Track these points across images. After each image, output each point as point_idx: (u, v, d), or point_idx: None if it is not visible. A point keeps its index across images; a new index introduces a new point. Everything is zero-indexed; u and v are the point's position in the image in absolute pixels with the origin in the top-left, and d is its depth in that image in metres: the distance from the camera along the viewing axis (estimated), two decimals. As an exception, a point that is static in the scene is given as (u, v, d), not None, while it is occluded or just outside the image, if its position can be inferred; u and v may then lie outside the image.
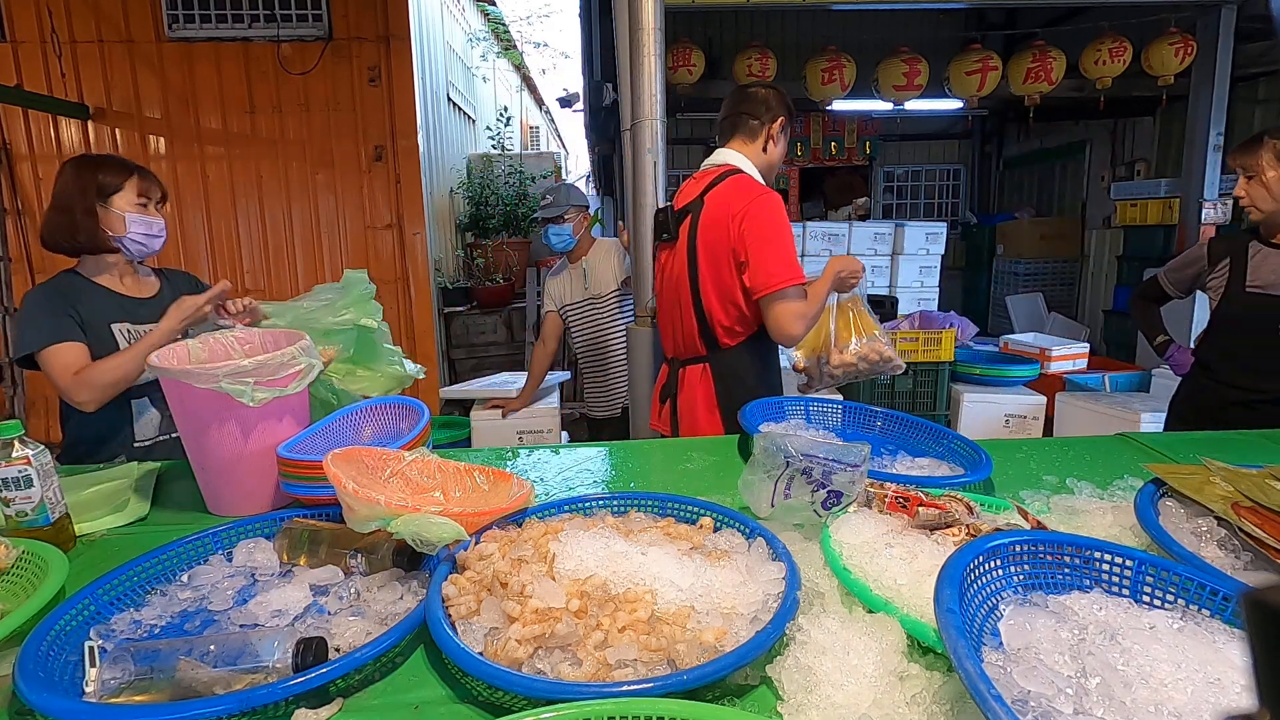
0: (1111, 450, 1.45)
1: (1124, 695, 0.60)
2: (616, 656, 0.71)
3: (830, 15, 5.81)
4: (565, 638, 0.74)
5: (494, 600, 0.80)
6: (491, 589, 0.83)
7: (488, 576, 0.84)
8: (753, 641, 0.72)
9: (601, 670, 0.71)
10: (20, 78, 3.99)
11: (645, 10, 2.13)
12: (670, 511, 1.08)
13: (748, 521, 1.00)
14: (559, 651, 0.74)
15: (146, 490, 1.30)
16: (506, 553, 0.90)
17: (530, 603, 0.77)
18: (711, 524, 1.03)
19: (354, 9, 4.08)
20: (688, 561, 0.88)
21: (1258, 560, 0.87)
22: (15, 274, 4.04)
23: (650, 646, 0.73)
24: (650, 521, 1.05)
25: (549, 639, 0.73)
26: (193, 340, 1.30)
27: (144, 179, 1.68)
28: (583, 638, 0.74)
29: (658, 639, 0.73)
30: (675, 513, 1.07)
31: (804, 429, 1.54)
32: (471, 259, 5.03)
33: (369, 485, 0.96)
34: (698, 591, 0.82)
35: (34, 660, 0.72)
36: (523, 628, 0.74)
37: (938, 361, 3.59)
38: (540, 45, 8.02)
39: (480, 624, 0.78)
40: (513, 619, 0.76)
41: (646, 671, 0.71)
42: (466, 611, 0.80)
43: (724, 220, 1.73)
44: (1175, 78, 4.21)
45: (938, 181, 7.10)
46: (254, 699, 0.67)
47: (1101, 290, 5.84)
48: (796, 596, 0.80)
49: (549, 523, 1.01)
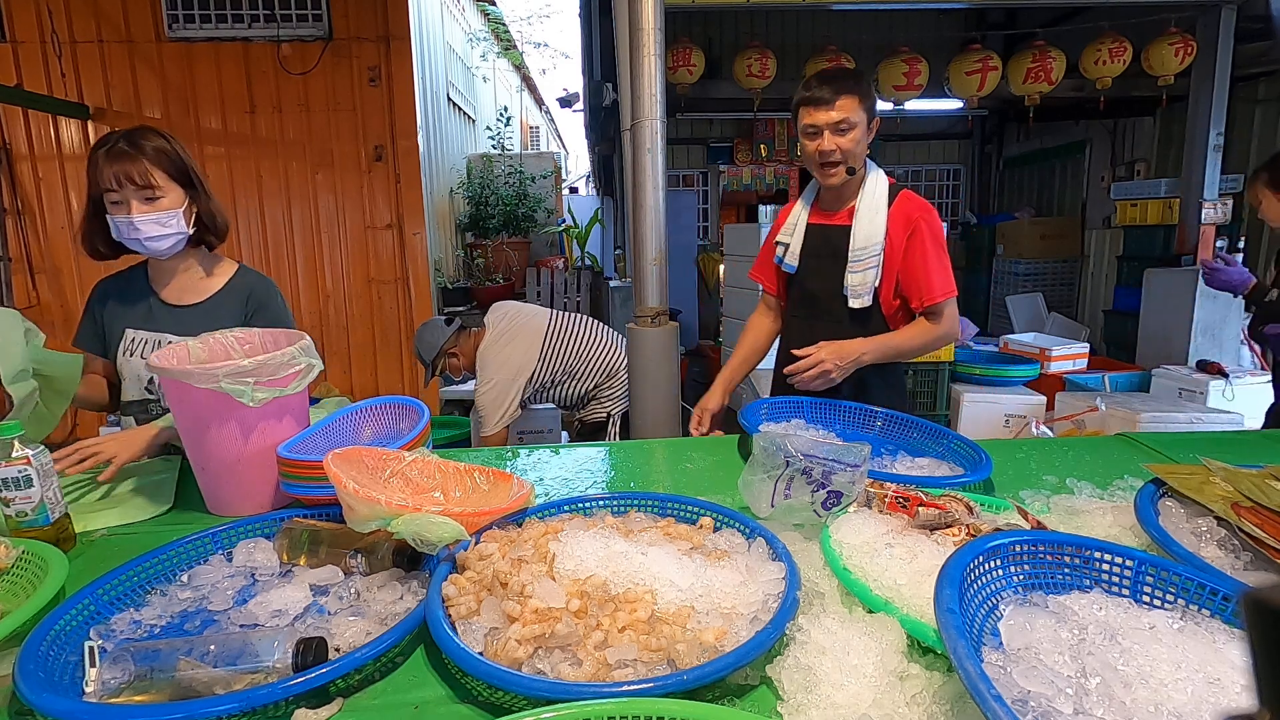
0: (1111, 450, 1.45)
1: (1124, 695, 0.60)
2: (616, 656, 0.71)
3: (830, 15, 5.81)
4: (565, 638, 0.74)
5: (494, 600, 0.80)
6: (492, 589, 0.83)
7: (488, 576, 0.84)
8: (752, 641, 0.72)
9: (601, 670, 0.71)
10: (20, 78, 3.99)
11: (645, 10, 2.13)
12: (670, 511, 1.08)
13: (748, 521, 1.00)
14: (559, 652, 0.74)
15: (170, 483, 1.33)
16: (506, 553, 0.90)
17: (530, 603, 0.76)
18: (711, 524, 1.03)
19: (354, 9, 4.08)
20: (688, 561, 0.88)
21: (1258, 560, 0.87)
22: (15, 274, 4.04)
23: (650, 646, 0.72)
24: (650, 521, 1.05)
25: (549, 639, 0.73)
26: (193, 340, 1.30)
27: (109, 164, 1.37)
28: (583, 638, 0.74)
29: (657, 639, 0.73)
30: (675, 513, 1.07)
31: (804, 429, 1.54)
32: (471, 259, 5.04)
33: (369, 485, 0.96)
34: (698, 591, 0.82)
35: (34, 660, 0.72)
36: (523, 628, 0.73)
37: (938, 361, 3.58)
38: (540, 45, 8.05)
39: (480, 624, 0.78)
40: (513, 619, 0.76)
41: (646, 671, 0.71)
42: (467, 611, 0.80)
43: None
44: (1175, 78, 4.21)
45: (938, 181, 7.10)
46: (254, 699, 0.67)
47: (1101, 290, 5.84)
48: (796, 596, 0.81)
49: (549, 523, 1.01)
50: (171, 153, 1.42)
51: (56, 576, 0.89)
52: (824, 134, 1.61)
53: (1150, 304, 4.47)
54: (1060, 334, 5.00)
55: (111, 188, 1.37)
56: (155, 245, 1.42)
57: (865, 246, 1.65)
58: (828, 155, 1.63)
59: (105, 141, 1.39)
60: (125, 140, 1.38)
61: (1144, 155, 5.56)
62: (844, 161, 1.63)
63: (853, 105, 1.59)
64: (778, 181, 6.71)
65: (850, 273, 1.66)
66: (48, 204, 4.15)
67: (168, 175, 1.41)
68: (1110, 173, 5.78)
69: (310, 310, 4.36)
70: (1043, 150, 6.55)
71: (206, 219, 1.50)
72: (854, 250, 1.66)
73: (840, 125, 1.60)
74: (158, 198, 1.40)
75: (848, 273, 1.67)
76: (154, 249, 1.43)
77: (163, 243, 1.42)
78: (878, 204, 1.66)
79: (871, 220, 1.65)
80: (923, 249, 1.65)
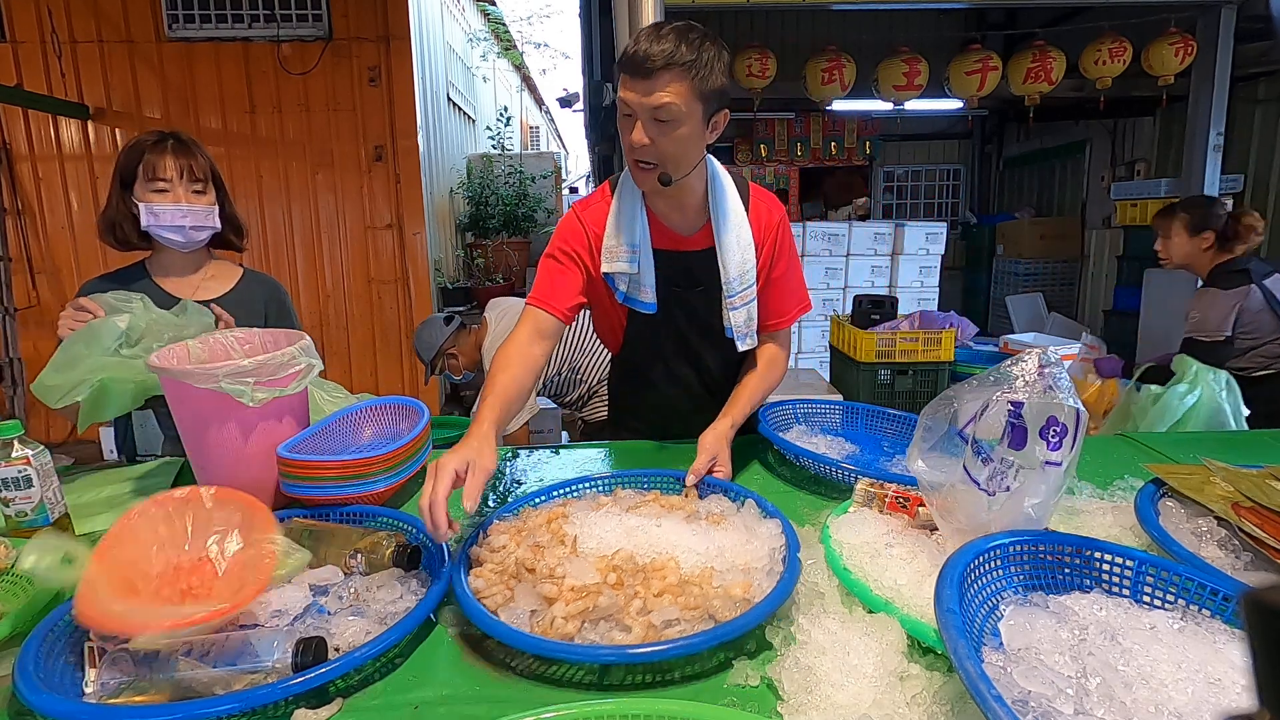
0: (1111, 450, 1.45)
1: (1124, 696, 0.60)
2: (662, 618, 0.78)
3: (830, 15, 5.81)
4: (607, 609, 0.80)
5: (525, 586, 0.85)
6: (518, 576, 0.87)
7: (510, 565, 0.89)
8: (779, 587, 0.81)
9: (650, 632, 0.77)
10: (20, 78, 3.99)
11: (645, 10, 2.14)
12: (655, 485, 1.18)
13: (731, 486, 1.12)
14: (603, 623, 0.80)
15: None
16: (520, 542, 0.95)
17: (566, 582, 0.82)
18: (696, 492, 1.13)
19: (354, 9, 4.07)
20: (696, 528, 0.98)
21: (1258, 560, 0.87)
22: (15, 274, 4.04)
23: (688, 605, 0.80)
24: (639, 497, 1.12)
25: (592, 612, 0.79)
26: (192, 340, 1.30)
27: (168, 155, 1.46)
28: (623, 606, 0.80)
29: (690, 599, 0.81)
30: (660, 485, 1.18)
31: (806, 432, 1.53)
32: (471, 259, 5.03)
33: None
34: (713, 553, 0.91)
35: (34, 661, 0.72)
36: (565, 605, 0.79)
37: (938, 361, 3.58)
38: (540, 45, 8.00)
39: (518, 609, 0.82)
40: (550, 600, 0.81)
41: (691, 628, 0.78)
42: (503, 600, 0.84)
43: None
44: (1175, 78, 4.21)
45: (938, 181, 7.11)
46: (254, 699, 0.67)
47: (1101, 290, 5.85)
48: (798, 543, 0.91)
49: (547, 509, 1.07)
50: (207, 155, 1.55)
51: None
52: (637, 122, 1.17)
53: (1150, 304, 4.48)
54: (1060, 334, 5.00)
55: (166, 177, 1.46)
56: (197, 235, 1.52)
57: (740, 276, 1.32)
58: (637, 153, 1.19)
59: (150, 137, 1.48)
60: (176, 138, 1.50)
61: (1144, 155, 5.56)
62: (658, 166, 1.20)
63: (683, 91, 1.12)
64: (778, 181, 6.71)
65: (731, 310, 1.34)
66: (48, 204, 4.15)
67: (210, 175, 1.54)
68: (1110, 173, 5.79)
69: (310, 310, 4.36)
70: (1043, 150, 6.55)
71: (232, 220, 1.61)
72: (728, 284, 1.32)
73: (659, 113, 1.13)
74: (204, 192, 1.53)
75: (728, 310, 1.34)
76: (195, 239, 1.53)
77: (203, 233, 1.53)
78: (738, 220, 1.32)
79: (739, 241, 1.32)
80: (785, 263, 1.40)
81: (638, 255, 1.31)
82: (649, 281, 1.33)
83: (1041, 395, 0.78)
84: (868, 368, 3.57)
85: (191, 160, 1.49)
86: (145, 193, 1.46)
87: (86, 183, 4.14)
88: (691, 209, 1.34)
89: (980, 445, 0.82)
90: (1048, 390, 0.78)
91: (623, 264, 1.31)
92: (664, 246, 1.35)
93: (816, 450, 1.33)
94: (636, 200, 1.32)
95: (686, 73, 1.12)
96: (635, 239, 1.31)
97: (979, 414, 0.82)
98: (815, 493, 1.25)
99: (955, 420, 0.86)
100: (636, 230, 1.31)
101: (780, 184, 6.71)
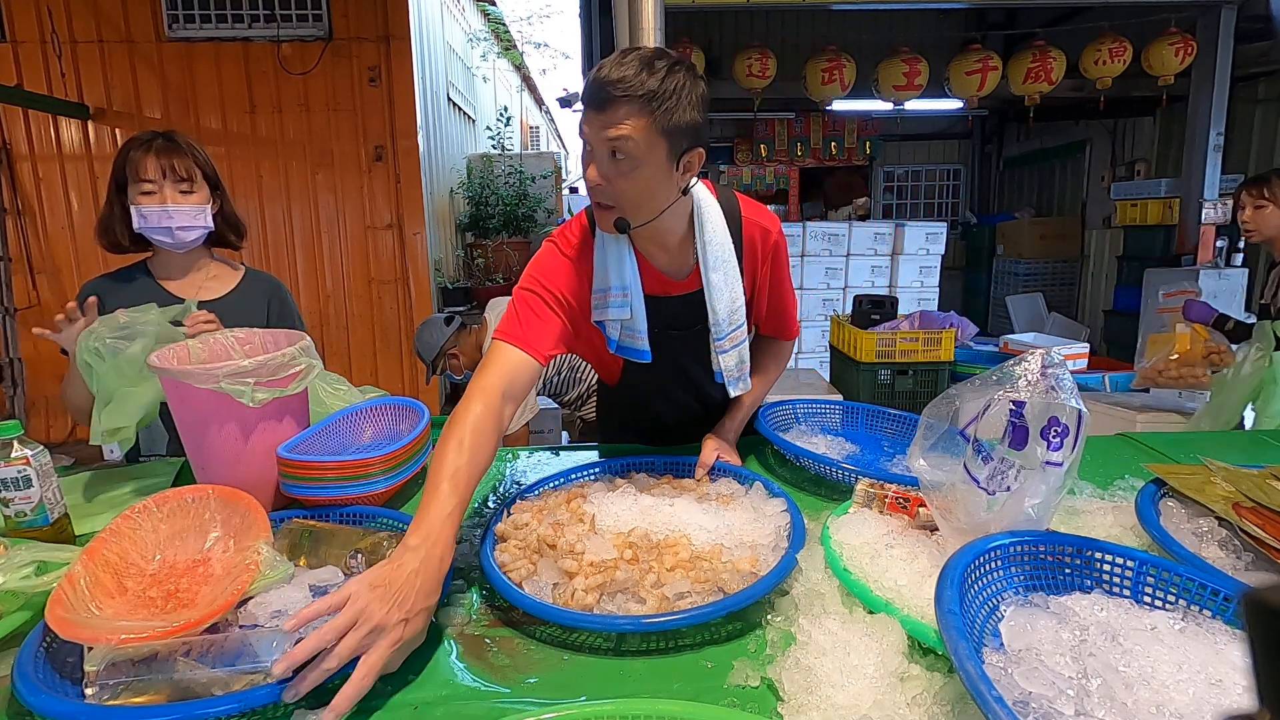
0: (1112, 450, 1.45)
1: (1125, 696, 0.60)
2: (674, 591, 0.85)
3: (830, 15, 5.81)
4: (624, 583, 0.86)
5: (548, 561, 0.91)
6: (540, 551, 0.93)
7: (533, 542, 0.94)
8: (784, 561, 0.87)
9: (664, 604, 0.83)
10: (20, 78, 3.99)
11: (645, 10, 2.13)
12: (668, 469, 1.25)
13: (740, 470, 1.18)
14: (620, 595, 0.86)
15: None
16: (542, 520, 1.01)
17: (585, 557, 0.89)
18: (708, 477, 1.19)
19: (354, 9, 4.07)
20: (706, 507, 1.05)
21: (1259, 561, 0.87)
22: (15, 274, 4.04)
23: (699, 579, 0.86)
24: (653, 480, 1.19)
25: (610, 585, 0.85)
26: (193, 340, 1.30)
27: (151, 155, 1.44)
28: (639, 579, 0.86)
29: (701, 573, 0.87)
30: (672, 470, 1.25)
31: (806, 432, 1.53)
32: (471, 259, 5.03)
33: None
34: (722, 531, 0.98)
35: (33, 661, 0.72)
36: (585, 579, 0.85)
37: (938, 361, 3.58)
38: (540, 45, 7.98)
39: (541, 581, 0.88)
40: (571, 574, 0.87)
41: (702, 600, 0.84)
42: (526, 573, 0.90)
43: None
44: (1175, 78, 4.21)
45: (938, 181, 7.11)
46: (253, 699, 0.67)
47: (1101, 290, 5.85)
48: (803, 522, 0.97)
49: (566, 490, 1.15)
50: (202, 153, 1.53)
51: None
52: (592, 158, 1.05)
53: (1150, 304, 4.47)
54: (1060, 334, 5.01)
55: (150, 178, 1.44)
56: (184, 235, 1.49)
57: (729, 316, 1.23)
58: (593, 192, 1.08)
59: (140, 138, 1.47)
60: (164, 137, 1.48)
61: (1144, 155, 5.56)
62: (614, 208, 1.08)
63: (641, 126, 0.99)
64: (778, 181, 6.72)
65: (720, 354, 1.25)
66: (48, 204, 4.15)
67: (201, 172, 1.51)
68: (1110, 173, 5.79)
69: (310, 310, 4.35)
70: (1043, 150, 6.55)
71: (230, 219, 1.60)
72: (717, 325, 1.22)
73: (615, 148, 1.01)
74: (193, 191, 1.49)
75: (717, 354, 1.25)
76: (183, 239, 1.50)
77: (191, 234, 1.50)
78: (726, 255, 1.20)
79: (726, 280, 1.21)
80: (781, 284, 1.35)
81: (629, 300, 1.19)
82: (642, 328, 1.22)
83: (1043, 395, 0.78)
84: (868, 368, 3.57)
85: (175, 159, 1.46)
86: (135, 195, 1.46)
87: (86, 183, 4.14)
88: (676, 249, 1.22)
89: (981, 445, 0.82)
90: (1050, 390, 0.78)
91: (615, 310, 1.20)
92: (654, 292, 1.24)
93: (816, 450, 1.33)
94: (622, 238, 1.18)
95: (646, 105, 0.98)
96: (625, 280, 1.19)
97: (980, 413, 0.82)
98: (815, 493, 1.25)
99: (957, 420, 0.86)
100: (626, 272, 1.19)
101: (780, 184, 6.71)
